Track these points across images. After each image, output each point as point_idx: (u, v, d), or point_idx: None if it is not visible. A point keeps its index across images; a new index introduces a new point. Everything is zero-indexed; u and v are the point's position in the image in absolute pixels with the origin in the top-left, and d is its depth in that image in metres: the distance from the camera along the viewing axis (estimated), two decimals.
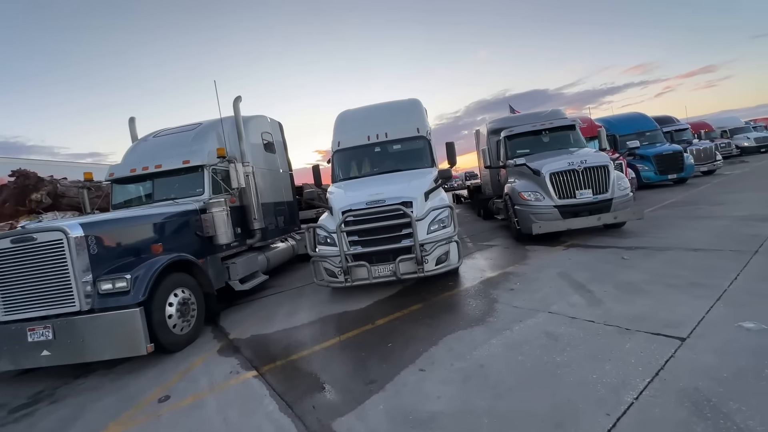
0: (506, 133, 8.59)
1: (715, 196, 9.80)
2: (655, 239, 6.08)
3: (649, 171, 13.69)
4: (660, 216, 8.11)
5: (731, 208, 7.71)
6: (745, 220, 6.39)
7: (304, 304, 5.53)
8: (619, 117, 16.41)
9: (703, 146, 15.66)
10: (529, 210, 7.01)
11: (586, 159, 6.74)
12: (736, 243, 5.11)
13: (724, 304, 3.30)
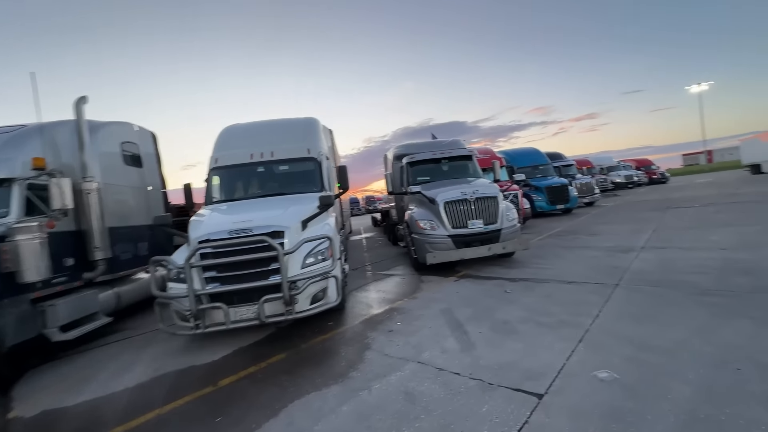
0: (408, 159, 8.50)
1: (592, 226, 10.86)
2: (537, 270, 6.24)
3: (542, 201, 14.97)
4: (546, 245, 8.60)
5: (602, 239, 8.47)
6: (611, 251, 6.95)
7: (147, 356, 4.44)
8: (518, 151, 17.89)
9: (584, 181, 17.76)
10: (425, 239, 6.82)
11: (478, 189, 6.81)
12: (602, 275, 5.39)
13: (585, 347, 3.19)
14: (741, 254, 5.59)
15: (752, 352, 2.77)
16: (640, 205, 15.68)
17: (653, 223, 9.84)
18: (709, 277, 4.65)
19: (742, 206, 11.04)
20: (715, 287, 4.28)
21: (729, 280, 4.46)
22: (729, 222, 8.56)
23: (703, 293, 4.13)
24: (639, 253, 6.49)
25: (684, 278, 4.78)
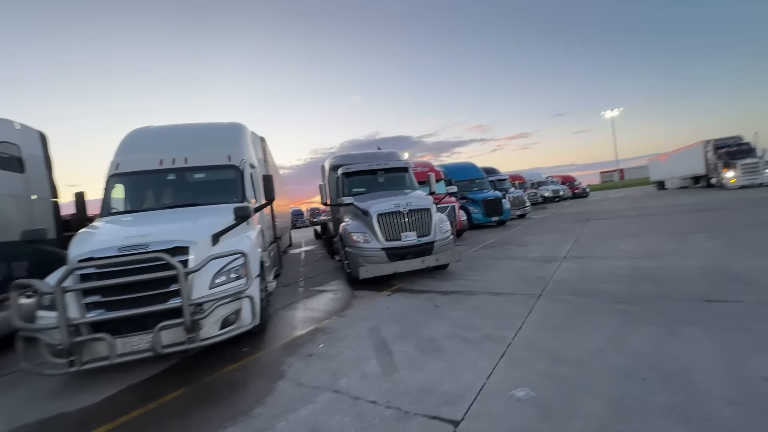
0: (344, 170, 8.24)
1: (522, 237, 11.41)
2: (468, 282, 6.26)
3: (478, 213, 15.53)
4: (479, 256, 8.78)
5: (530, 249, 8.86)
6: (537, 262, 7.24)
7: (7, 402, 3.59)
8: (456, 165, 18.53)
9: (517, 194, 18.86)
10: (358, 252, 6.56)
11: (411, 201, 6.73)
12: (527, 285, 5.51)
13: (506, 364, 3.10)
14: (647, 262, 6.06)
15: (656, 359, 2.85)
16: (564, 218, 16.93)
17: (575, 234, 10.57)
18: (621, 285, 4.93)
19: (648, 218, 12.33)
20: (625, 295, 4.51)
21: (637, 288, 4.75)
22: (637, 233, 9.43)
23: (615, 301, 4.33)
24: (561, 263, 6.81)
25: (599, 287, 5.02)
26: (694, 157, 25.33)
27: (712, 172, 23.20)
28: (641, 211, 15.32)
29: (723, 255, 5.91)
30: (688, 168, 26.56)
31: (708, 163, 23.83)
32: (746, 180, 20.10)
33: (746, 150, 21.61)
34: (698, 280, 4.77)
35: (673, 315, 3.66)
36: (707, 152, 23.71)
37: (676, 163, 29.03)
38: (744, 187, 19.77)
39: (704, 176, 24.52)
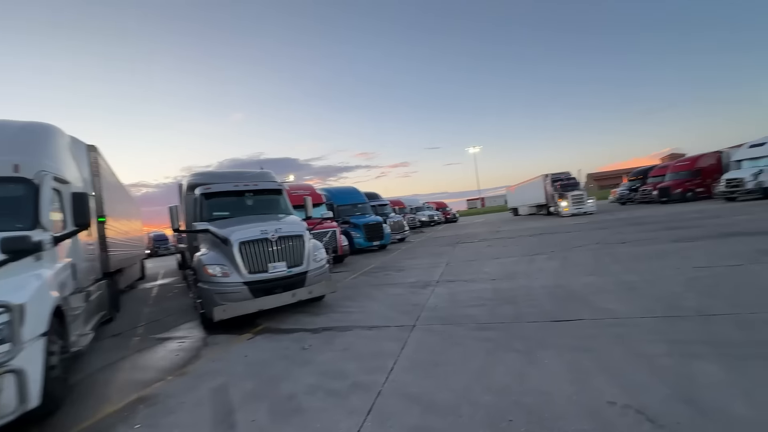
0: (203, 190, 7.03)
1: (401, 261, 11.64)
2: (343, 315, 5.79)
3: (360, 238, 15.48)
4: (357, 284, 8.46)
5: (407, 274, 8.97)
6: (413, 287, 7.25)
7: None
8: (339, 189, 18.40)
9: (396, 219, 19.63)
10: (214, 288, 5.48)
11: (281, 227, 6.02)
12: (402, 315, 5.32)
13: (373, 422, 2.65)
14: (505, 284, 6.57)
15: (520, 394, 2.77)
16: (438, 241, 18.23)
17: (446, 257, 11.24)
18: (485, 310, 5.10)
19: (503, 241, 14.04)
20: (489, 320, 4.64)
21: (499, 311, 4.97)
22: (496, 255, 10.49)
23: (481, 327, 4.38)
24: (434, 288, 6.93)
25: (466, 311, 5.11)
26: (537, 188, 28.61)
27: (551, 202, 26.01)
28: (498, 234, 17.50)
29: (560, 274, 6.80)
30: (534, 197, 29.82)
31: (547, 193, 26.82)
32: (575, 209, 23.06)
33: (574, 183, 24.89)
34: (545, 299, 5.25)
35: (530, 339, 3.80)
36: (546, 184, 26.68)
37: (524, 193, 33.55)
38: (574, 215, 22.69)
39: (545, 205, 27.52)
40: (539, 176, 28.55)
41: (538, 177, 28.80)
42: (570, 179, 25.42)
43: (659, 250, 7.93)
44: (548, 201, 26.85)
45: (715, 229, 10.05)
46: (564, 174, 26.55)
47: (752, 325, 3.46)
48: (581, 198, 23.43)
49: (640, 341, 3.41)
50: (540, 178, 28.20)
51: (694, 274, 5.61)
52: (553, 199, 25.42)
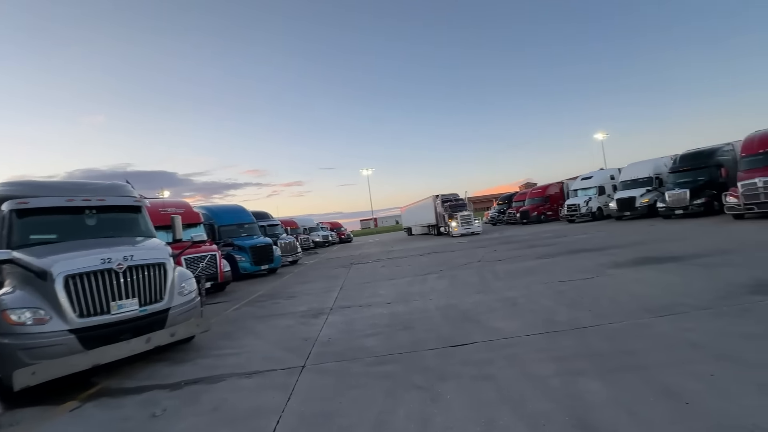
0: (15, 205, 5.18)
1: (292, 287, 10.72)
2: (217, 359, 4.77)
3: (246, 262, 13.93)
4: (240, 316, 7.34)
5: (299, 301, 8.18)
6: (304, 317, 6.54)
7: None
8: (222, 207, 16.49)
9: (288, 240, 18.46)
10: (18, 343, 3.92)
11: (134, 254, 4.74)
12: (291, 354, 4.61)
13: None
14: (400, 307, 6.39)
15: None
16: (333, 262, 17.69)
17: (341, 280, 10.77)
18: (382, 339, 4.76)
19: (396, 261, 14.28)
20: (386, 350, 4.29)
21: (396, 339, 4.67)
22: (390, 275, 10.46)
23: (379, 361, 4.00)
24: (328, 317, 6.36)
25: (363, 343, 4.69)
26: (428, 209, 29.37)
27: (441, 222, 26.84)
28: (391, 254, 17.86)
29: (451, 293, 6.97)
30: (425, 217, 30.65)
31: (437, 214, 27.56)
32: (464, 229, 23.74)
33: (462, 204, 25.62)
34: (441, 322, 5.19)
35: (430, 371, 3.55)
36: (437, 205, 27.44)
37: (416, 213, 34.09)
38: (463, 235, 23.39)
39: (435, 225, 28.31)
40: (430, 197, 29.07)
41: (429, 198, 29.30)
42: (459, 200, 26.36)
43: (529, 267, 8.89)
44: (438, 221, 27.48)
45: (566, 246, 11.91)
46: (453, 195, 27.45)
47: (614, 335, 3.84)
48: (469, 218, 24.29)
49: (530, 361, 3.45)
50: (430, 199, 28.75)
51: (559, 288, 6.29)
52: (443, 220, 26.08)
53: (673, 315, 4.22)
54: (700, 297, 4.75)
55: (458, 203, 25.74)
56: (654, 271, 6.71)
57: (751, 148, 14.11)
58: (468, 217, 24.23)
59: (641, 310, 4.54)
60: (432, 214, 28.34)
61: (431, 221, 28.95)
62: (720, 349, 3.21)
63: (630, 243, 10.75)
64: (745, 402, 2.40)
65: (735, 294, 4.68)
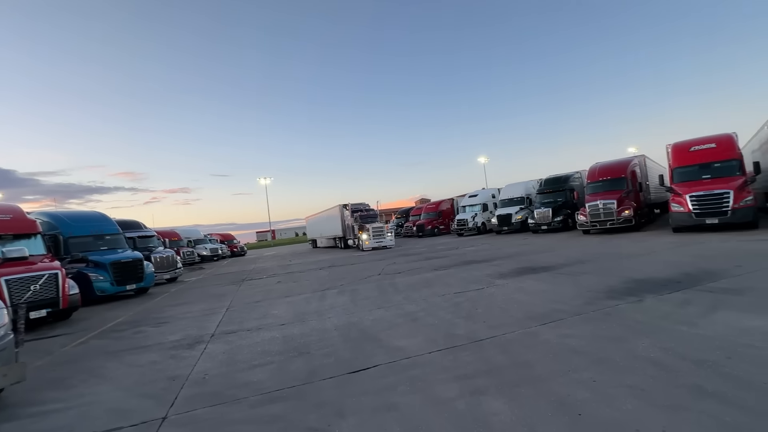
0: None
1: (165, 310, 9.03)
2: (34, 420, 3.48)
3: (104, 281, 11.38)
4: (85, 352, 5.74)
5: (171, 328, 6.84)
6: (175, 348, 5.40)
7: None
8: (73, 214, 13.35)
9: (166, 254, 15.88)
10: None
11: None
12: (148, 401, 3.61)
13: None
14: (296, 328, 5.76)
15: None
16: (221, 278, 15.80)
17: (228, 299, 9.52)
18: (272, 370, 4.10)
19: (294, 276, 13.39)
20: (277, 384, 3.66)
21: (289, 369, 4.06)
22: (286, 292, 9.64)
23: (267, 399, 3.36)
24: (207, 346, 5.37)
25: (248, 377, 3.96)
26: (334, 219, 26.89)
27: (350, 234, 24.41)
28: (289, 269, 16.79)
29: (352, 310, 6.60)
30: (331, 229, 28.11)
31: (345, 224, 25.33)
32: (375, 242, 21.57)
33: (373, 215, 23.49)
34: (340, 344, 4.75)
35: (327, 406, 3.08)
36: (344, 215, 25.18)
37: (321, 224, 31.24)
38: (375, 249, 21.25)
39: (342, 237, 26.08)
40: (337, 207, 26.55)
41: (336, 207, 26.69)
42: (369, 210, 24.21)
43: (426, 279, 9.11)
44: (346, 233, 25.23)
45: (458, 258, 12.71)
46: (363, 205, 25.10)
47: (509, 347, 3.94)
48: (381, 231, 22.13)
49: (434, 383, 3.26)
50: (338, 209, 26.32)
51: (455, 299, 6.46)
52: (352, 231, 23.71)
53: (554, 322, 4.57)
54: (572, 303, 5.31)
55: (369, 213, 23.61)
56: (532, 280, 7.44)
57: (593, 176, 17.36)
58: (380, 229, 22.09)
59: (527, 319, 4.84)
60: (339, 225, 26.19)
61: (338, 233, 26.84)
62: (595, 353, 3.49)
63: (510, 255, 11.99)
64: (625, 407, 2.54)
65: (596, 300, 5.36)
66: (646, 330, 3.94)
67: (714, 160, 12.65)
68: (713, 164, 12.59)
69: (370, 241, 21.49)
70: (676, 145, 13.86)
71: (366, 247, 21.40)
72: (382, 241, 21.84)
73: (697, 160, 12.95)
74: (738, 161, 12.39)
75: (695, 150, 13.20)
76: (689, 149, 13.35)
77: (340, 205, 26.11)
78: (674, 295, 5.12)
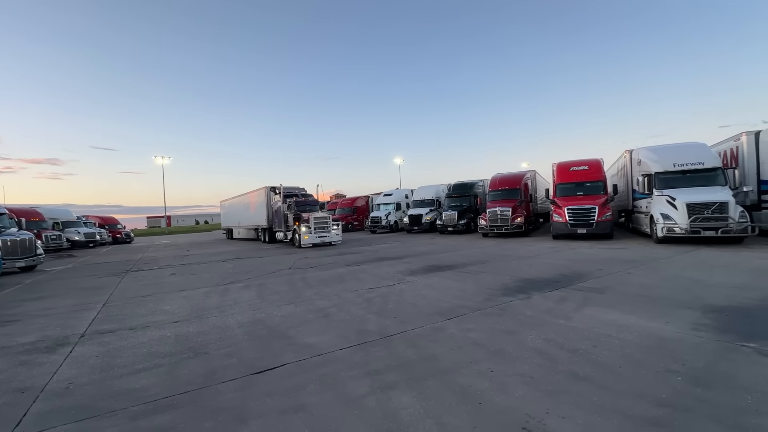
0: None
1: (16, 305, 7.32)
2: None
3: None
4: None
5: (22, 327, 5.57)
6: (27, 353, 4.40)
7: None
8: None
9: (20, 237, 12.94)
10: None
11: None
12: None
13: None
14: (192, 326, 5.17)
15: None
16: (97, 269, 13.49)
17: (106, 293, 8.15)
18: (160, 374, 3.59)
19: (192, 268, 12.09)
20: (166, 391, 3.20)
21: (182, 372, 3.60)
22: (182, 286, 8.63)
23: (151, 410, 2.91)
24: (74, 348, 4.49)
25: (128, 383, 3.40)
26: (258, 205, 21.87)
27: (280, 225, 19.52)
28: (186, 260, 15.14)
29: (259, 306, 6.19)
30: (255, 217, 22.85)
31: (272, 212, 20.63)
32: (318, 237, 17.18)
33: (313, 202, 18.92)
34: (244, 342, 4.39)
35: (225, 412, 2.79)
36: (272, 200, 20.42)
37: (242, 210, 25.36)
38: (316, 246, 17.20)
39: (268, 229, 21.18)
40: (262, 189, 21.46)
41: (260, 190, 21.73)
42: (308, 196, 19.66)
43: (339, 274, 9.03)
44: (273, 223, 20.63)
45: (371, 255, 12.91)
46: (299, 189, 20.38)
47: (417, 341, 4.09)
48: (325, 223, 17.57)
49: (344, 380, 3.21)
50: (263, 192, 21.29)
51: (368, 295, 6.52)
52: (284, 222, 18.95)
53: (458, 317, 4.90)
54: (474, 300, 5.77)
55: (308, 200, 19.06)
56: (439, 277, 7.91)
57: (493, 185, 19.27)
58: (324, 221, 17.57)
59: (435, 314, 5.10)
60: (264, 212, 21.16)
61: (261, 222, 21.71)
62: (493, 345, 3.83)
63: (419, 253, 12.60)
64: (517, 393, 2.82)
65: (494, 296, 5.91)
66: (533, 323, 4.46)
67: (586, 180, 15.08)
68: (585, 183, 15.00)
69: (310, 236, 17.02)
70: (559, 165, 16.16)
71: (305, 242, 16.93)
72: (325, 236, 17.57)
73: (574, 179, 15.30)
74: (603, 182, 14.97)
75: (573, 170, 15.57)
76: (569, 169, 15.71)
77: (266, 188, 20.95)
78: (554, 293, 5.92)
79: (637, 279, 6.68)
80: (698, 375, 2.95)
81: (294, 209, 18.14)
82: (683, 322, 4.21)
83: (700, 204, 10.60)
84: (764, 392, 2.65)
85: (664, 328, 4.05)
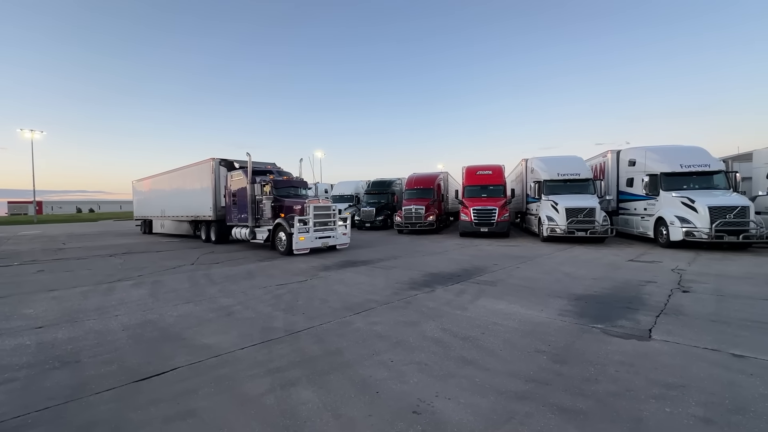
0: None
1: None
2: None
3: None
4: None
5: None
6: None
7: None
8: None
9: None
10: None
11: None
12: None
13: None
14: (61, 332, 4.45)
15: None
16: None
17: None
18: (13, 389, 3.01)
19: (68, 264, 10.35)
20: (17, 410, 2.70)
21: (42, 386, 3.07)
22: (51, 285, 7.34)
23: None
24: None
25: None
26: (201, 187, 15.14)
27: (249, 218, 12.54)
28: (61, 254, 12.90)
29: (150, 306, 5.58)
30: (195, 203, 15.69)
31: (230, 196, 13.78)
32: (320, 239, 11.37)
33: (299, 183, 13.26)
34: (127, 348, 3.92)
35: (97, 427, 2.47)
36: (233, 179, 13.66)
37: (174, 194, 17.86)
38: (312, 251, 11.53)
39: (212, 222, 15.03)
40: (206, 161, 14.86)
41: (204, 163, 15.00)
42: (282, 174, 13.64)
43: (249, 270, 8.58)
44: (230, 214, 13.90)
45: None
46: (272, 165, 14.55)
47: (324, 336, 4.11)
48: (328, 216, 11.70)
49: (242, 380, 3.08)
50: (207, 166, 14.68)
51: (277, 291, 6.33)
52: (254, 214, 12.52)
53: (366, 311, 5.04)
54: (382, 294, 5.98)
55: (293, 181, 13.14)
56: (352, 272, 8.02)
57: (410, 184, 20.12)
58: (327, 213, 11.67)
59: (344, 309, 5.17)
60: (209, 198, 14.51)
61: (204, 212, 14.95)
62: (395, 337, 4.03)
63: None
64: (412, 380, 3.02)
65: (402, 290, 6.21)
66: (433, 315, 4.81)
67: (489, 183, 16.65)
68: (489, 186, 16.56)
69: (308, 236, 11.10)
70: (468, 168, 17.57)
71: (299, 246, 10.96)
72: (329, 236, 11.64)
73: (480, 182, 16.78)
74: (503, 186, 16.69)
75: (480, 174, 17.07)
76: (476, 173, 17.17)
77: (214, 161, 14.42)
78: (455, 286, 6.44)
79: (524, 273, 7.63)
80: (559, 353, 3.51)
81: (273, 194, 12.06)
82: (553, 309, 4.94)
83: (575, 209, 12.51)
84: (603, 364, 3.26)
85: (539, 315, 4.71)
